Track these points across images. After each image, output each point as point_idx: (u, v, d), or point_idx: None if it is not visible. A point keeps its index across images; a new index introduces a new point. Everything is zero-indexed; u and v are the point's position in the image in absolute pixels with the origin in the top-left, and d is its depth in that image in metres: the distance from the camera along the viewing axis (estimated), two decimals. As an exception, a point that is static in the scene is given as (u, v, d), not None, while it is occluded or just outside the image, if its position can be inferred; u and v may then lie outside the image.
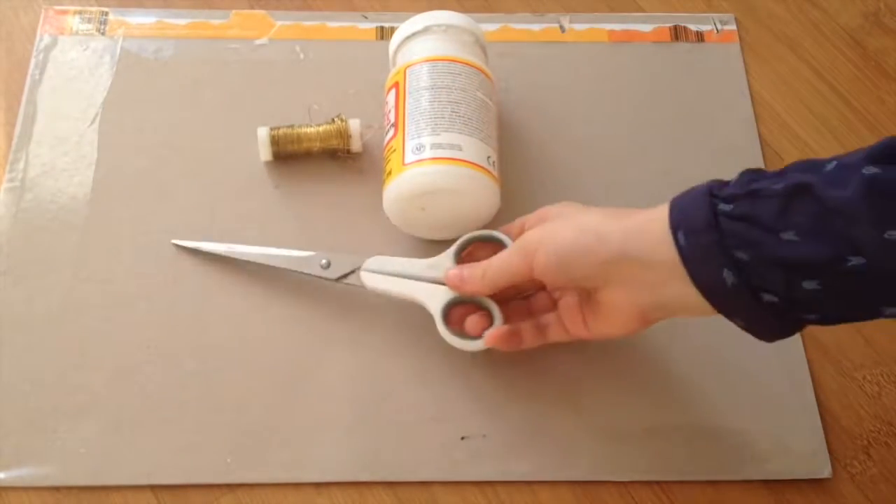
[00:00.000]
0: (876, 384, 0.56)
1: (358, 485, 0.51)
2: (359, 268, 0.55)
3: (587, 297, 0.49)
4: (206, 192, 0.60)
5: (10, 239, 0.58)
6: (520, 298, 0.54)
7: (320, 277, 0.55)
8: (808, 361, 0.56)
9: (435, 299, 0.53)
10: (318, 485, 0.51)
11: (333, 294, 0.56)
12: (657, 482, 0.52)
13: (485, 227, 0.57)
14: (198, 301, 0.56)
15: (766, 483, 0.52)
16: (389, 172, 0.55)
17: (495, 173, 0.55)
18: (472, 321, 0.52)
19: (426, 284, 0.53)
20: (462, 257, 0.54)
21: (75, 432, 0.52)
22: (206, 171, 0.61)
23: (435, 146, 0.53)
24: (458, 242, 0.54)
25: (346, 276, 0.55)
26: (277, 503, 0.51)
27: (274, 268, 0.56)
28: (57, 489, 0.51)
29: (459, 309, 0.53)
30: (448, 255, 0.54)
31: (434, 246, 0.58)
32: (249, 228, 0.59)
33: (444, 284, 0.53)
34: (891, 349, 0.57)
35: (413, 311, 0.56)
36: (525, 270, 0.48)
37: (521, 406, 0.53)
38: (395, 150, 0.55)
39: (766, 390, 0.54)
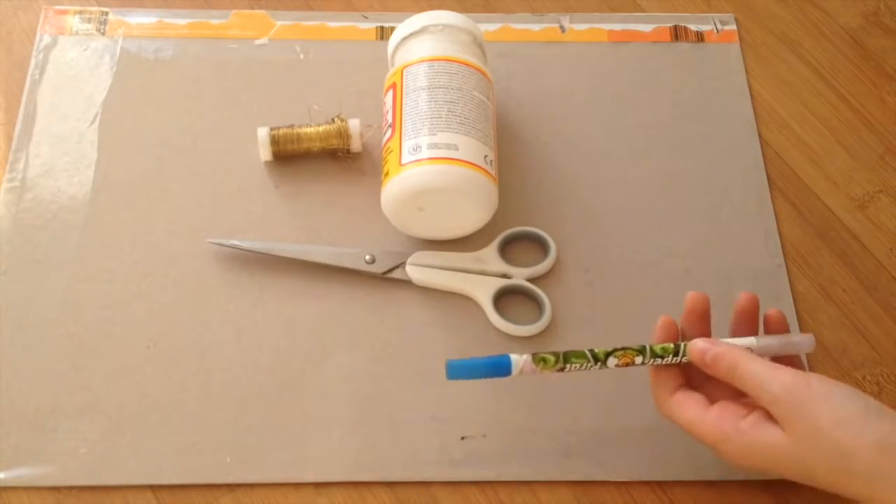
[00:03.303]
0: (876, 384, 0.56)
1: (358, 485, 0.51)
2: (404, 262, 0.56)
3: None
4: (206, 192, 0.60)
5: (10, 239, 0.58)
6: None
7: (366, 273, 0.56)
8: (808, 361, 0.55)
9: (484, 289, 0.56)
10: (317, 485, 0.51)
11: (333, 294, 0.56)
12: (657, 482, 0.52)
13: (484, 226, 0.57)
14: (198, 301, 0.56)
15: (766, 483, 0.52)
16: (387, 173, 0.55)
17: (493, 172, 0.55)
18: (686, 399, 0.47)
19: (474, 276, 0.56)
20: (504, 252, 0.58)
21: (75, 432, 0.52)
22: (206, 171, 0.61)
23: (431, 146, 0.53)
24: (501, 236, 0.57)
25: (391, 270, 0.56)
26: (277, 503, 0.51)
27: (273, 268, 0.56)
28: (57, 489, 0.51)
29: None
30: (492, 249, 0.57)
31: (435, 245, 0.58)
32: (249, 228, 0.59)
33: (490, 275, 0.56)
34: (891, 349, 0.57)
35: (412, 311, 0.56)
36: (767, 402, 0.44)
37: (520, 406, 0.53)
38: (392, 151, 0.55)
39: (766, 390, 0.54)
